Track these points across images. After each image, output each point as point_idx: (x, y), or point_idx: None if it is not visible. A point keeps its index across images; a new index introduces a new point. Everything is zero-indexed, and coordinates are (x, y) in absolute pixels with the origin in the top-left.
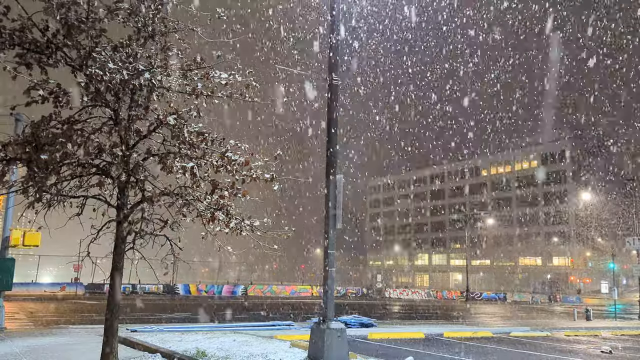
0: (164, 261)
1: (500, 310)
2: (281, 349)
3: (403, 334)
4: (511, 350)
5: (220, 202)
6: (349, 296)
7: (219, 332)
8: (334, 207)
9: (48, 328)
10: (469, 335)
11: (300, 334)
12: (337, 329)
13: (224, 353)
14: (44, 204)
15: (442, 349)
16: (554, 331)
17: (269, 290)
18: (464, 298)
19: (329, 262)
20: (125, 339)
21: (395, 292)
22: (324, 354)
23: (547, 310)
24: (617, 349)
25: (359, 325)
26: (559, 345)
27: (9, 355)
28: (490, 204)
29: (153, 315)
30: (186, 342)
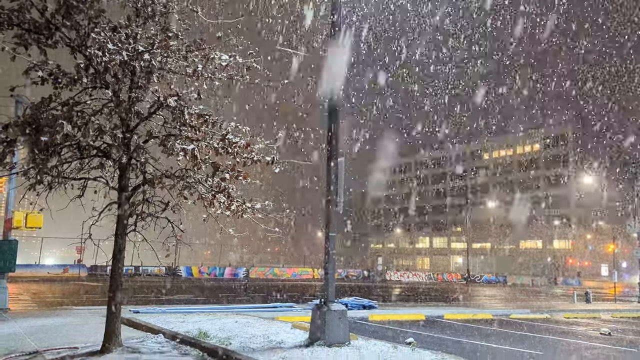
0: (166, 243)
1: (501, 292)
2: (283, 330)
3: (404, 316)
4: (511, 331)
5: (221, 185)
6: (350, 279)
7: (220, 313)
8: (334, 190)
9: (52, 309)
10: (469, 317)
11: (302, 315)
12: (338, 310)
13: (226, 334)
14: (45, 186)
15: (443, 330)
16: (554, 313)
17: (270, 272)
18: (464, 281)
19: (329, 245)
20: (128, 320)
21: (396, 274)
22: (325, 335)
23: (547, 293)
24: (616, 331)
25: (360, 307)
26: (558, 327)
27: (13, 335)
28: (492, 187)
29: (156, 297)
30: (188, 323)
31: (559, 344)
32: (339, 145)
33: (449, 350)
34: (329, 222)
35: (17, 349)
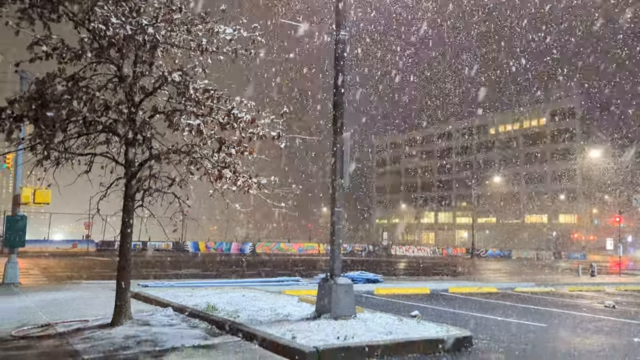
0: (173, 219)
1: (505, 266)
2: (289, 304)
3: (409, 290)
4: (515, 305)
5: (227, 160)
6: (356, 253)
7: (228, 287)
8: (340, 164)
9: (62, 283)
10: (474, 290)
11: (308, 289)
12: (343, 284)
13: (234, 307)
14: (52, 162)
15: (448, 303)
16: (558, 287)
17: (276, 247)
18: (469, 255)
19: (335, 219)
20: (137, 294)
21: (401, 249)
22: (331, 308)
23: (552, 267)
24: (620, 303)
25: (365, 281)
26: (562, 300)
27: (25, 309)
28: (498, 161)
29: (163, 272)
30: (196, 297)
31: (563, 317)
32: (344, 121)
33: (454, 323)
34: (334, 196)
35: (29, 321)
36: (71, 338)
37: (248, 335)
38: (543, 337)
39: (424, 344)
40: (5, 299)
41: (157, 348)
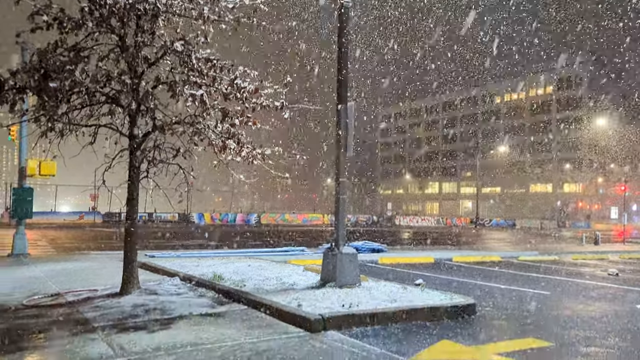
0: (178, 189)
1: (509, 236)
2: (295, 273)
3: (413, 259)
4: (519, 273)
5: (231, 131)
6: (360, 224)
7: (234, 257)
8: (344, 135)
9: (70, 254)
10: (477, 259)
11: (313, 259)
12: (348, 253)
13: (240, 277)
14: (57, 133)
15: (451, 272)
16: (562, 255)
17: (281, 218)
18: (473, 225)
19: (340, 189)
20: (144, 264)
21: (406, 219)
22: (335, 277)
23: (556, 236)
24: (623, 271)
25: (370, 250)
26: (566, 269)
27: (34, 279)
28: (503, 131)
29: (170, 243)
30: (203, 266)
31: (566, 284)
32: (348, 90)
33: (458, 291)
34: (339, 167)
35: (39, 291)
36: (81, 307)
37: (254, 303)
38: (546, 305)
39: (428, 311)
40: (15, 269)
41: (165, 316)
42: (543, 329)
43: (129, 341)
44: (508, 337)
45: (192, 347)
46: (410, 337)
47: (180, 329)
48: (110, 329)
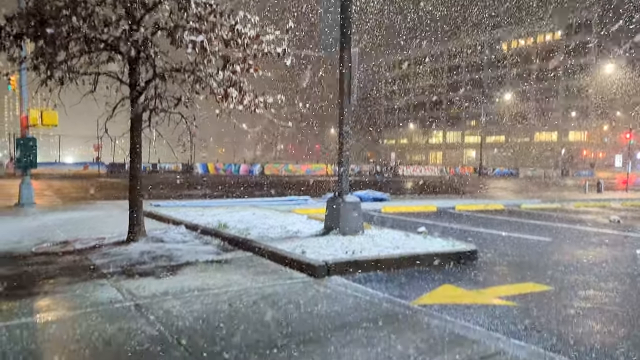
0: (181, 139)
1: (513, 185)
2: (299, 221)
3: (416, 208)
4: (521, 221)
5: (232, 79)
6: (363, 174)
7: (238, 206)
8: (348, 82)
9: (76, 203)
10: (480, 207)
11: (317, 208)
12: (351, 202)
13: (245, 225)
14: (57, 82)
15: (454, 220)
16: (565, 203)
17: (285, 169)
18: (476, 174)
19: (343, 138)
20: (150, 213)
21: (409, 169)
22: (339, 224)
23: (559, 184)
24: (625, 218)
25: (373, 199)
26: (568, 216)
27: (43, 227)
28: (509, 79)
29: (174, 192)
30: (207, 215)
31: (567, 231)
32: (351, 36)
33: (460, 238)
34: (342, 116)
35: (48, 239)
36: (89, 254)
37: (259, 250)
38: (547, 250)
39: (430, 257)
40: (23, 218)
41: (172, 263)
42: (543, 274)
43: (138, 286)
44: (508, 282)
45: (199, 291)
46: (412, 282)
47: (187, 275)
48: (118, 275)
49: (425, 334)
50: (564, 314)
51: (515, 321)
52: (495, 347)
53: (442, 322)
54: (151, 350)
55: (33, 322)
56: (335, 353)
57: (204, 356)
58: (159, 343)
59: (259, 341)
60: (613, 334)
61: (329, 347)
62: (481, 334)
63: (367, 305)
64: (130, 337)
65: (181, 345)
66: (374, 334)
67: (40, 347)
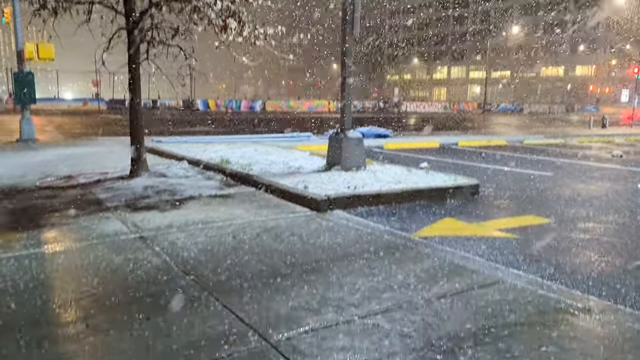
0: (180, 73)
1: (517, 121)
2: (301, 157)
3: (418, 144)
4: (523, 156)
5: (231, 8)
6: (366, 110)
7: (240, 143)
8: (350, 12)
9: (77, 139)
10: (483, 143)
11: (319, 144)
12: (354, 137)
13: (247, 161)
14: (50, 12)
15: (456, 156)
16: (568, 139)
17: (286, 105)
18: (480, 110)
19: (346, 72)
20: (152, 149)
21: (412, 105)
22: (341, 160)
23: (564, 120)
24: (628, 153)
25: (375, 136)
26: (571, 151)
27: (45, 162)
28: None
29: (175, 129)
30: (210, 151)
31: (569, 166)
32: None
33: (462, 173)
34: (345, 48)
35: (51, 173)
36: (93, 188)
37: (262, 185)
38: (548, 185)
39: (432, 192)
40: (25, 153)
41: (175, 197)
42: (544, 207)
43: (142, 219)
44: (509, 215)
45: (203, 224)
46: (414, 216)
47: (190, 208)
48: (123, 208)
49: (425, 264)
50: (563, 245)
51: (515, 252)
52: (494, 277)
53: (442, 253)
54: (158, 279)
55: (41, 253)
56: (337, 282)
57: (210, 285)
58: (165, 273)
59: (263, 271)
60: (610, 264)
61: (331, 276)
62: (480, 264)
63: (368, 238)
64: (137, 267)
65: (187, 274)
66: (375, 265)
67: (49, 276)
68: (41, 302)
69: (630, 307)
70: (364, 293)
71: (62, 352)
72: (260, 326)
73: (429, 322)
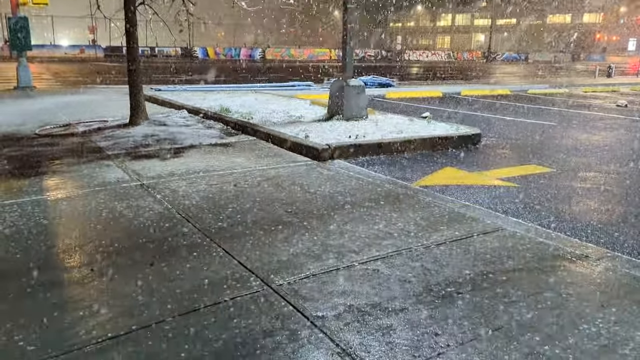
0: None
1: (521, 70)
2: (302, 107)
3: (421, 93)
4: (526, 105)
5: None
6: (368, 59)
7: (240, 92)
8: None
9: (75, 87)
10: (486, 93)
11: (320, 93)
12: (355, 85)
13: (247, 110)
14: None
15: (459, 105)
16: (572, 88)
17: (286, 53)
18: (484, 59)
19: (347, 17)
20: (151, 97)
21: (415, 54)
22: (343, 109)
23: (569, 69)
24: (633, 103)
25: (377, 85)
26: (575, 101)
27: (44, 110)
28: None
29: (174, 77)
30: (209, 100)
31: (573, 116)
32: None
33: (464, 123)
34: None
35: (50, 121)
36: (93, 136)
37: (262, 135)
38: (551, 134)
39: (434, 141)
40: (24, 101)
41: (176, 146)
42: (546, 156)
43: (143, 168)
44: (511, 164)
45: (204, 173)
46: (415, 165)
47: (191, 157)
48: (123, 156)
49: (425, 213)
50: (563, 194)
51: (515, 200)
52: (493, 225)
53: (442, 201)
54: (160, 226)
55: (44, 200)
56: (338, 230)
57: (212, 232)
58: (167, 220)
59: (264, 218)
60: (609, 212)
61: (332, 224)
62: (481, 213)
63: (369, 187)
64: (139, 214)
65: (189, 221)
66: (376, 213)
67: (52, 223)
68: (45, 248)
69: (628, 254)
70: (364, 240)
71: (68, 295)
72: (262, 272)
73: (428, 268)
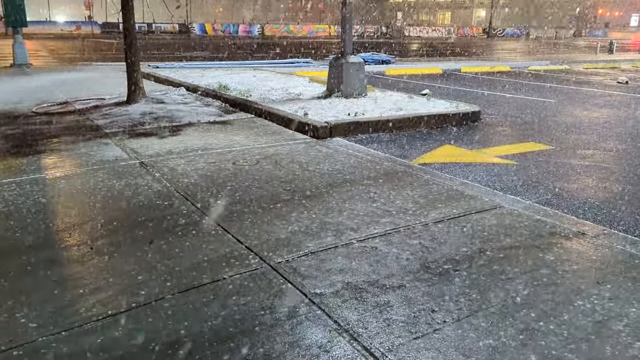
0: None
1: (522, 46)
2: (301, 84)
3: (421, 70)
4: (527, 82)
5: None
6: (368, 35)
7: (238, 69)
8: None
9: (72, 64)
10: (486, 69)
11: (319, 70)
12: (355, 62)
13: (245, 87)
14: None
15: (459, 82)
16: (574, 65)
17: (285, 30)
18: (485, 35)
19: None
20: (149, 74)
21: (415, 30)
22: (342, 86)
23: (571, 45)
24: (634, 80)
25: (377, 62)
26: (576, 78)
27: (41, 87)
28: None
29: (172, 54)
30: (208, 77)
31: (573, 93)
32: None
33: (464, 100)
34: None
35: (47, 99)
36: (90, 114)
37: (261, 112)
38: (550, 111)
39: (433, 119)
40: (20, 78)
41: (174, 123)
42: (545, 134)
43: (141, 146)
44: (510, 142)
45: (202, 151)
46: (414, 143)
47: (190, 135)
48: (121, 134)
49: (424, 190)
50: (562, 172)
51: (514, 178)
52: (491, 202)
53: (441, 179)
54: (159, 205)
55: (42, 178)
56: (336, 207)
57: (211, 210)
58: (166, 198)
59: (263, 196)
60: (607, 190)
61: (330, 202)
62: (479, 190)
63: (368, 165)
64: (138, 192)
65: (187, 199)
66: (374, 190)
67: (51, 201)
68: (45, 226)
69: (624, 232)
70: (362, 218)
71: (67, 273)
72: (261, 249)
73: (426, 246)
